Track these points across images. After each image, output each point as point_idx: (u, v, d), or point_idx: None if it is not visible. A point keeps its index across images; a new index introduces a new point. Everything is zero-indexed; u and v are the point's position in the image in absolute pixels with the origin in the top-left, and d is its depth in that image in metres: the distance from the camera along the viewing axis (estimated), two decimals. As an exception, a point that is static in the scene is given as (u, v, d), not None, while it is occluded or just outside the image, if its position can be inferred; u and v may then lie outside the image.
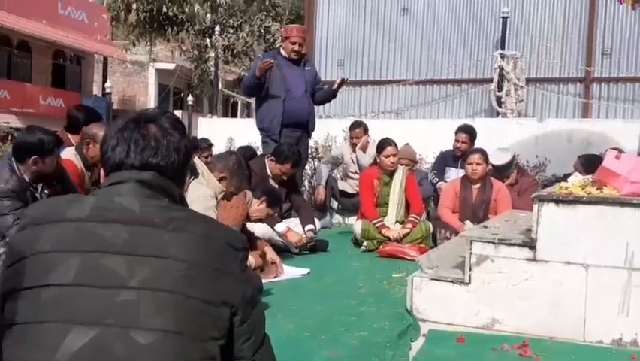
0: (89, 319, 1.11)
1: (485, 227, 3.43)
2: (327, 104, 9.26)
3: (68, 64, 20.92)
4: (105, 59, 21.27)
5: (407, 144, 6.17)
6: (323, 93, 5.92)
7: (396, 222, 5.23)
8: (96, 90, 22.01)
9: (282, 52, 5.74)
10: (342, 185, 6.51)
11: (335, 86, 5.75)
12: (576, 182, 3.05)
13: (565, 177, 4.44)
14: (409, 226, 5.11)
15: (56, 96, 18.10)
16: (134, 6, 14.35)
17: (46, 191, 3.46)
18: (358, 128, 6.38)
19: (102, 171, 1.36)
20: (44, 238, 1.18)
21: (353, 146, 6.40)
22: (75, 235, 1.18)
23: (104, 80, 19.98)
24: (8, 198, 3.21)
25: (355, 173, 6.30)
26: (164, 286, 1.14)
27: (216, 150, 6.71)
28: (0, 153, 6.09)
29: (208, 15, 14.96)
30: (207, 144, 6.61)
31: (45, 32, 17.86)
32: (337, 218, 6.69)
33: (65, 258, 1.15)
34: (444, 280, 3.01)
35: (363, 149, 6.28)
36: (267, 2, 16.47)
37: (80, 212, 1.21)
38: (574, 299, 2.78)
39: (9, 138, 6.07)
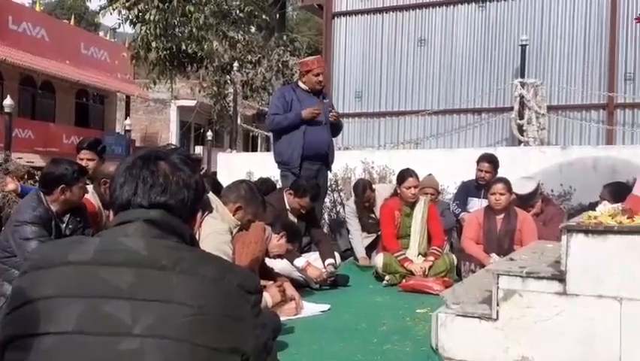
0: None
1: (512, 259, 3.31)
2: (345, 136, 9.33)
3: (91, 103, 21.36)
4: (127, 97, 21.69)
5: (430, 174, 6.08)
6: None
7: (419, 254, 5.12)
8: (119, 128, 22.41)
9: (301, 85, 5.73)
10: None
11: (332, 120, 5.66)
12: (605, 211, 2.92)
13: (592, 206, 4.30)
14: (431, 258, 4.99)
15: (79, 135, 18.37)
16: (154, 44, 14.62)
17: (70, 225, 3.55)
18: (367, 192, 5.99)
19: (111, 212, 1.31)
20: (45, 282, 1.13)
21: (364, 209, 6.07)
22: (77, 280, 1.12)
23: (126, 117, 20.33)
24: (35, 225, 3.33)
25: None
26: (170, 334, 1.07)
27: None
28: (20, 191, 6.09)
29: (226, 52, 15.17)
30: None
31: (68, 72, 18.27)
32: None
33: (66, 304, 1.09)
34: (470, 316, 2.88)
35: (372, 207, 6.02)
36: (285, 37, 16.68)
37: (83, 255, 1.15)
38: (608, 335, 2.63)
39: (26, 177, 6.08)
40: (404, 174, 5.22)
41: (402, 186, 5.17)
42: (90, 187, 3.98)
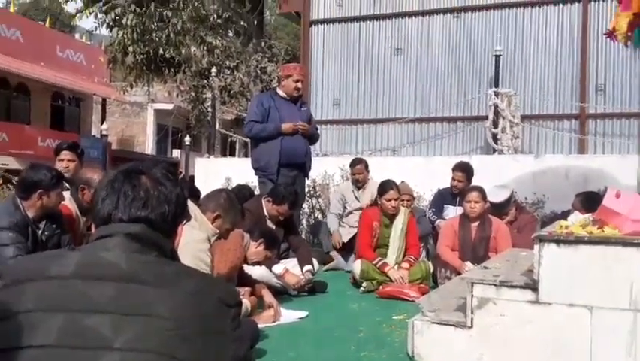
0: None
1: (486, 268, 3.37)
2: (323, 143, 9.37)
3: (67, 105, 21.05)
4: (104, 100, 21.44)
5: (403, 181, 6.14)
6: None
7: (396, 264, 5.16)
8: (95, 131, 22.13)
9: (279, 91, 5.76)
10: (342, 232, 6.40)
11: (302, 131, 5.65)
12: (576, 221, 3.00)
13: (564, 215, 4.41)
14: (406, 265, 5.05)
15: (55, 138, 18.05)
16: (131, 49, 14.51)
17: (46, 232, 3.53)
18: (359, 165, 6.45)
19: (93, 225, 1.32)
20: (26, 296, 1.13)
21: (355, 182, 6.46)
22: (58, 294, 1.13)
23: (103, 121, 20.10)
24: (11, 231, 3.29)
25: (358, 210, 6.22)
26: (151, 347, 1.08)
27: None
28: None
29: (204, 57, 15.12)
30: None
31: (43, 74, 18.01)
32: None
33: (47, 318, 1.10)
34: (445, 324, 2.94)
35: (363, 185, 6.36)
36: (263, 44, 16.69)
37: (63, 269, 1.16)
38: (579, 343, 2.70)
39: (0, 181, 5.99)
40: (385, 186, 5.20)
41: (382, 197, 5.18)
42: (67, 193, 3.95)
